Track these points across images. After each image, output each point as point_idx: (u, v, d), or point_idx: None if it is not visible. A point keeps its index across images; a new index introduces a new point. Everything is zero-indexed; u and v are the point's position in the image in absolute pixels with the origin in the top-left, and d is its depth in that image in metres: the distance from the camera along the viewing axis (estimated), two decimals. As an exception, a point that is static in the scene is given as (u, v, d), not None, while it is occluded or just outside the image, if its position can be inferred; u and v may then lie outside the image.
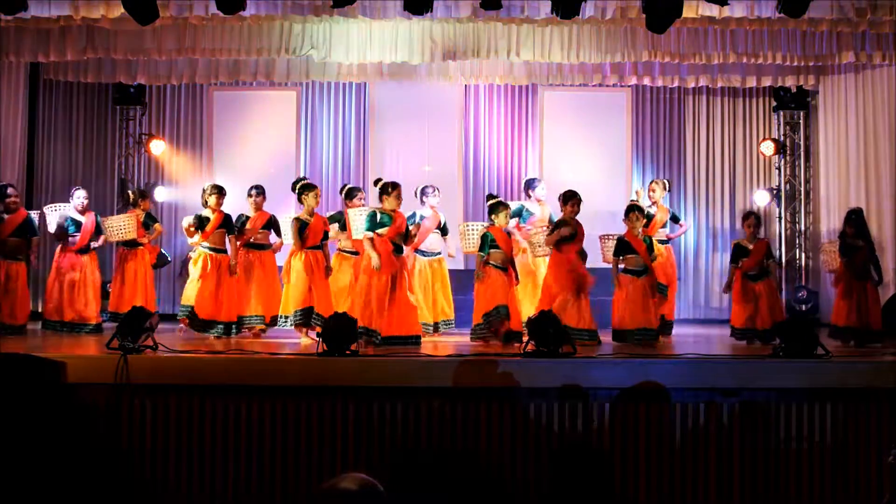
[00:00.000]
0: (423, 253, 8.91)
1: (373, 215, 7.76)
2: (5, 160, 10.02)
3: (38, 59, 9.90)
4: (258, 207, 8.90)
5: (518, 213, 8.99)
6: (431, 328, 8.80)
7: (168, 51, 9.78)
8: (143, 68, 10.63)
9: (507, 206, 8.36)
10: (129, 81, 10.98)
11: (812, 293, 10.91)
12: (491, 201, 8.40)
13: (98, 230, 9.11)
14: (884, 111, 10.10)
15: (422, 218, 8.80)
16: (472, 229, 8.80)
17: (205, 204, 8.54)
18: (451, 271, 9.22)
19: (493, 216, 8.23)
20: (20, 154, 10.39)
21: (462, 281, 9.48)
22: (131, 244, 9.48)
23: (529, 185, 9.35)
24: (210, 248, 8.51)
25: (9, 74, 10.18)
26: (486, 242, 8.08)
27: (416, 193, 9.00)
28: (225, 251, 8.57)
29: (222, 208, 8.56)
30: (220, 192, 8.56)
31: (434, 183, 9.19)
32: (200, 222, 8.52)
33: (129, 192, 10.31)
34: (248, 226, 8.85)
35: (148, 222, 9.67)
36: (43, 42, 9.55)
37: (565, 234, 8.03)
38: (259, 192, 8.93)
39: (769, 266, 8.32)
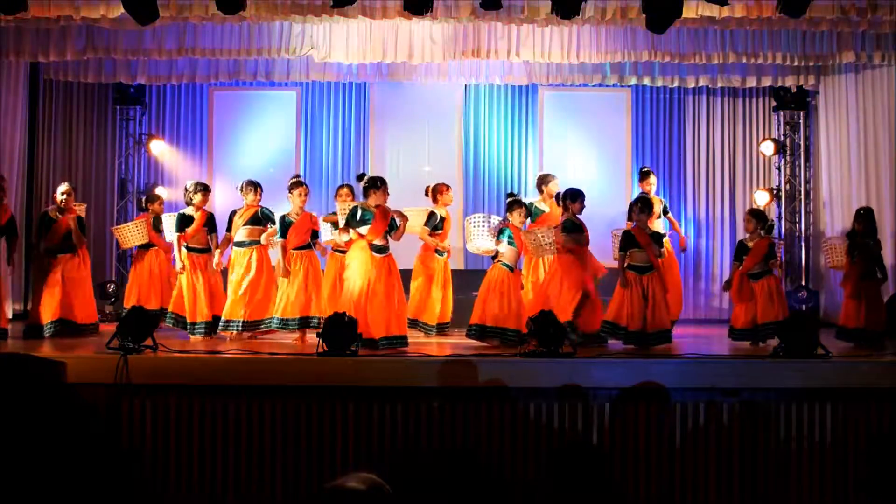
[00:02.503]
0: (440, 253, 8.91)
1: (354, 211, 7.59)
2: (5, 160, 9.99)
3: (38, 59, 9.87)
4: (253, 203, 8.54)
5: (528, 213, 8.88)
6: (434, 329, 8.76)
7: (168, 51, 9.78)
8: (143, 68, 10.61)
9: (523, 205, 8.30)
10: (129, 81, 10.95)
11: (812, 293, 10.89)
12: (509, 199, 8.36)
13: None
14: (884, 111, 10.08)
15: (441, 219, 8.81)
16: (475, 224, 8.58)
17: (188, 202, 8.46)
18: (451, 271, 9.18)
19: (508, 214, 8.20)
20: (20, 154, 10.36)
21: (462, 281, 9.45)
22: (144, 246, 9.42)
23: (542, 180, 9.25)
24: (192, 249, 8.39)
25: (9, 74, 10.15)
26: (505, 237, 8.05)
27: (426, 192, 9.00)
28: (207, 250, 8.44)
29: (206, 206, 8.48)
30: (205, 190, 8.50)
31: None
32: (183, 221, 8.35)
33: (142, 197, 10.41)
34: (234, 220, 8.60)
35: (158, 225, 9.38)
36: (43, 42, 9.54)
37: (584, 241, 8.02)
38: (253, 187, 8.54)
39: (771, 266, 8.24)
